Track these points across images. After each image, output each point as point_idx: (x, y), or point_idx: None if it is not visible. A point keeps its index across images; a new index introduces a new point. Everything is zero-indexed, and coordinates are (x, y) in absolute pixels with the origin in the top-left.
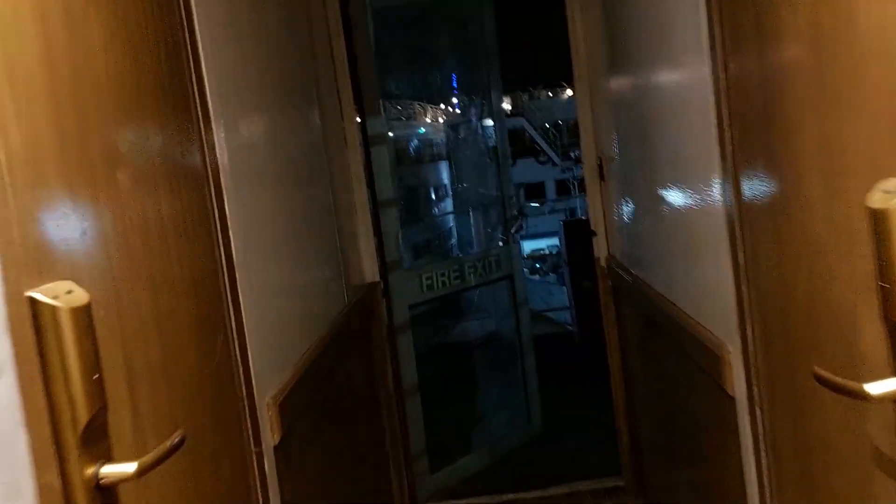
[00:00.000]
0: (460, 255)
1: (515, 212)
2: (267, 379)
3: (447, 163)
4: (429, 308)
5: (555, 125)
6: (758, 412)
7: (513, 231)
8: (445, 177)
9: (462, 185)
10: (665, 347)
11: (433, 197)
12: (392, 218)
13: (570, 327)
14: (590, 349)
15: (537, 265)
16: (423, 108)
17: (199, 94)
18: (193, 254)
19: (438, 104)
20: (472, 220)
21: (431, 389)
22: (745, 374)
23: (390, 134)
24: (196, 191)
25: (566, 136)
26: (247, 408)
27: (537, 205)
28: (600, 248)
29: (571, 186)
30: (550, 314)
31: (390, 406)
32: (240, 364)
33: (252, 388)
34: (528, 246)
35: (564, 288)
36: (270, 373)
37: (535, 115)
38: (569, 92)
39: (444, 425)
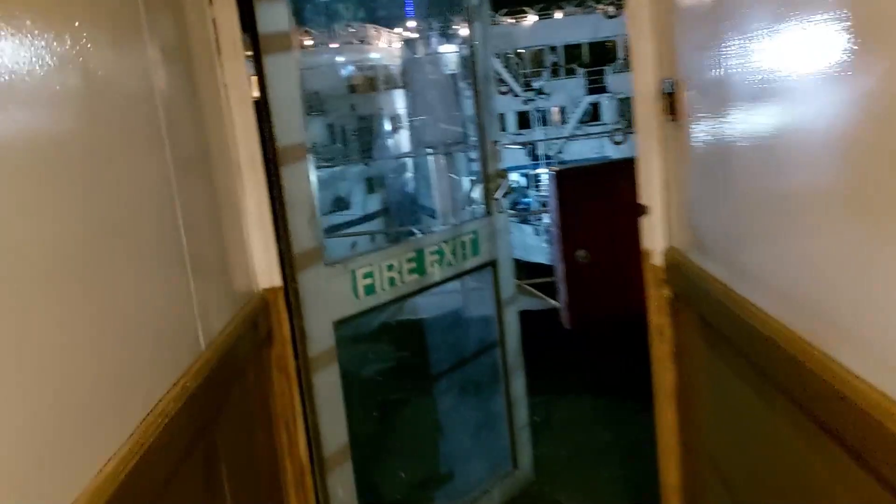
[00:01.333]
0: (417, 234)
1: (500, 165)
2: None
3: (404, 92)
4: (369, 322)
5: (516, 53)
6: None
7: (499, 195)
8: (401, 109)
9: (416, 119)
10: (812, 446)
11: (384, 136)
12: (302, 177)
13: (555, 302)
14: (584, 339)
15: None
16: (378, 31)
17: None
18: None
19: (397, 25)
20: (433, 175)
21: (372, 433)
22: None
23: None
24: None
25: (529, 65)
26: None
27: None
28: (655, 236)
29: (536, 120)
30: (528, 285)
31: (302, 483)
32: None
33: None
34: None
35: (526, 228)
36: None
37: (495, 43)
38: (532, 17)
39: (391, 490)
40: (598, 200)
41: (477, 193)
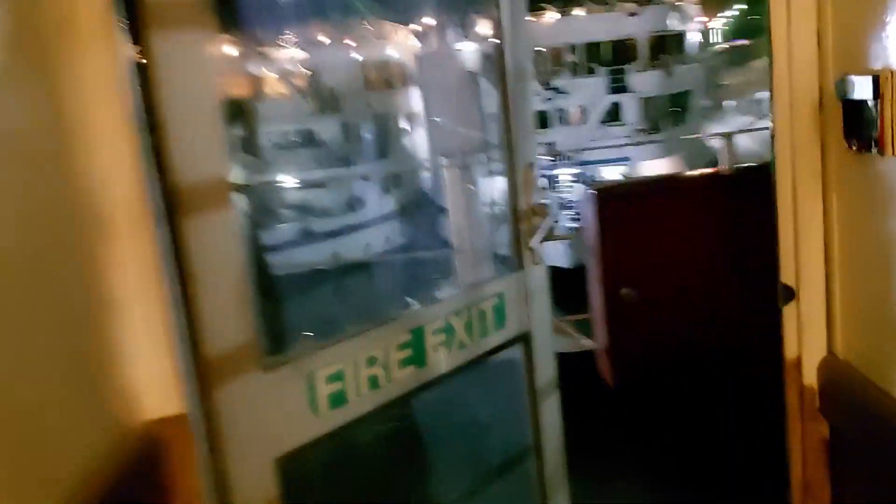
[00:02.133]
0: (412, 305)
1: (544, 193)
2: None
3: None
4: (336, 449)
5: (535, 52)
6: None
7: (535, 242)
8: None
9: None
10: None
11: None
12: (222, 232)
13: (588, 341)
14: (632, 399)
15: None
16: (395, 27)
17: None
18: None
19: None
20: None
21: None
22: None
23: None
24: None
25: (549, 64)
26: None
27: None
28: (807, 337)
29: (557, 119)
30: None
31: None
32: None
33: None
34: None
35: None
36: None
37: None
38: (552, 15)
39: None
40: (647, 225)
41: (504, 236)
